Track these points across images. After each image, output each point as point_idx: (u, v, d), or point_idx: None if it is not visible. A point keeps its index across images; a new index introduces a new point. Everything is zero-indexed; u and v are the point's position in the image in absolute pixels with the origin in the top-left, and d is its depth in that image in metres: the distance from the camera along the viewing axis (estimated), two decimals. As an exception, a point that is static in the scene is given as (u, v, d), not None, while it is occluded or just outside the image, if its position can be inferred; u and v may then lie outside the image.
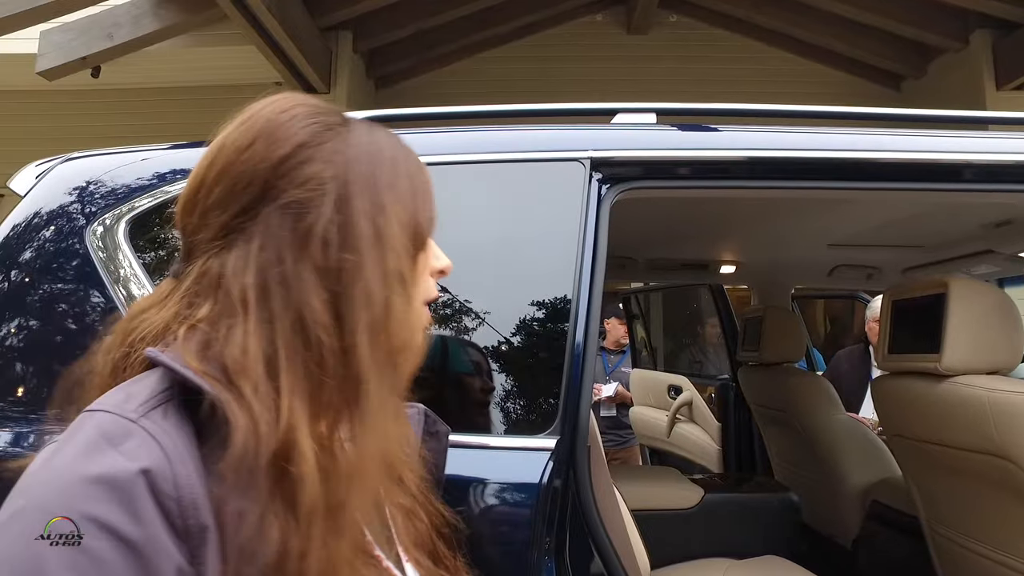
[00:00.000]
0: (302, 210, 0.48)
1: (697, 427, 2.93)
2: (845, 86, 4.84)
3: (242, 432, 0.41)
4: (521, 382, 1.04)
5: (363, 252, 0.48)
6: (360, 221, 0.49)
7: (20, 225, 1.18)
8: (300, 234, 0.48)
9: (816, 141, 1.26)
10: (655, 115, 1.30)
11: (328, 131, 0.52)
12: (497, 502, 0.94)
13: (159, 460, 0.40)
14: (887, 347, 1.53)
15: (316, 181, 0.49)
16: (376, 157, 0.52)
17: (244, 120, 0.52)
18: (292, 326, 0.45)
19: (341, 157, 0.50)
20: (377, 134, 0.55)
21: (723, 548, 1.78)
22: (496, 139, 1.19)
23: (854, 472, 1.96)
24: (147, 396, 0.43)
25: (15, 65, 4.02)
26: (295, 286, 0.46)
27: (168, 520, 0.39)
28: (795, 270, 2.58)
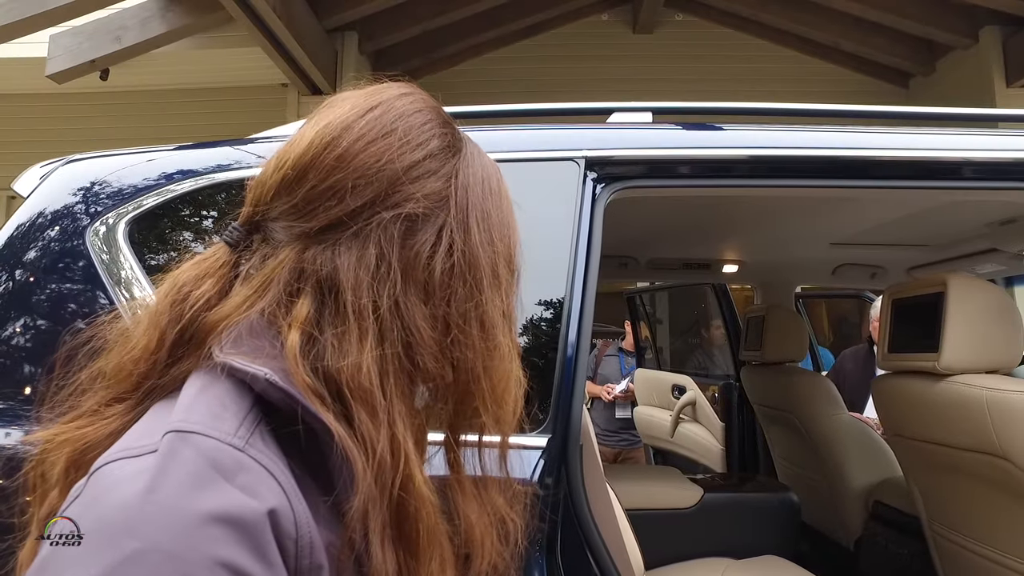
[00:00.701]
0: (417, 226, 0.45)
1: (701, 427, 2.93)
2: (853, 84, 4.80)
3: (367, 467, 0.39)
4: (513, 381, 1.05)
5: (482, 287, 0.46)
6: (479, 254, 0.46)
7: (24, 225, 1.20)
8: (410, 253, 0.44)
9: (813, 139, 1.26)
10: (651, 114, 1.30)
11: (454, 145, 0.49)
12: (488, 500, 0.95)
13: (282, 499, 0.37)
14: (887, 346, 1.52)
15: (438, 197, 0.46)
16: (488, 184, 0.49)
17: (372, 107, 0.47)
18: (404, 351, 0.43)
19: (462, 179, 0.48)
20: (484, 157, 0.52)
21: (722, 548, 1.78)
22: (490, 139, 1.19)
23: (856, 472, 1.95)
24: (241, 415, 0.39)
25: (25, 68, 4.07)
26: (406, 310, 0.43)
27: (286, 561, 0.37)
28: (798, 269, 2.57)
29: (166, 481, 0.35)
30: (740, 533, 1.84)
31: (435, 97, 0.54)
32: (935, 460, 1.44)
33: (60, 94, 4.13)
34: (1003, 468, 1.23)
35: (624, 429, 3.66)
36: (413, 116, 0.48)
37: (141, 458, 0.37)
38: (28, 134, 4.58)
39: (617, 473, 2.39)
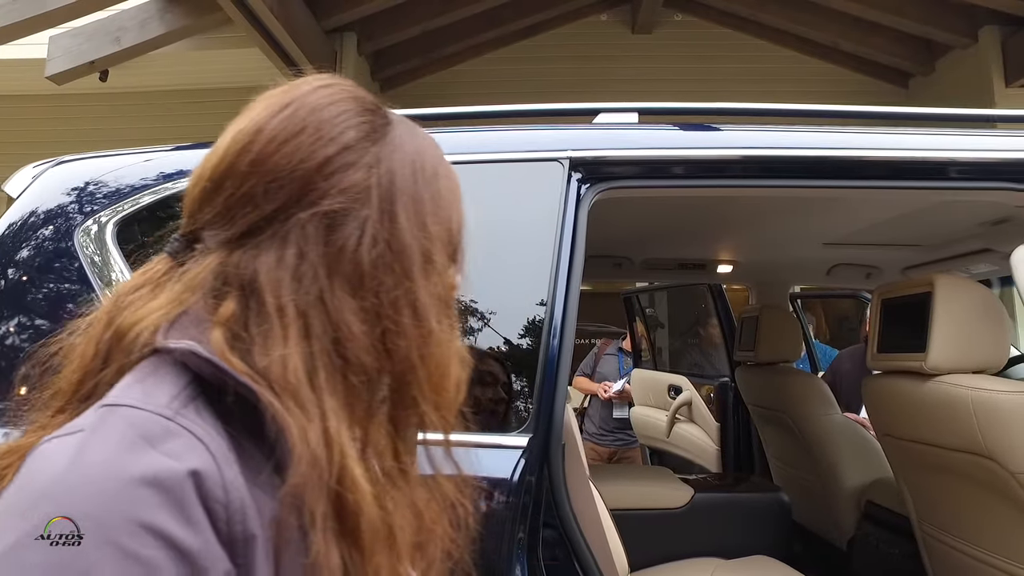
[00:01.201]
0: (339, 221, 0.44)
1: (696, 427, 2.93)
2: (853, 84, 4.80)
3: (304, 450, 0.39)
4: (495, 380, 1.05)
5: (412, 276, 0.45)
6: (407, 242, 0.45)
7: (14, 225, 1.21)
8: (334, 249, 0.44)
9: (800, 140, 1.26)
10: (637, 115, 1.31)
11: (374, 133, 0.47)
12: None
13: (207, 461, 0.37)
14: (876, 346, 1.53)
15: (357, 190, 0.45)
16: (419, 168, 0.48)
17: (285, 105, 0.47)
18: (331, 348, 0.43)
19: (386, 166, 0.47)
20: (419, 139, 0.51)
21: (712, 548, 1.78)
22: (475, 140, 1.20)
23: (849, 472, 1.95)
24: (174, 391, 0.40)
25: (25, 70, 4.09)
26: (333, 306, 0.43)
27: (215, 526, 0.36)
28: (792, 269, 2.57)
29: (91, 450, 0.36)
30: (731, 533, 1.85)
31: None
32: (923, 460, 1.44)
33: (60, 95, 4.15)
34: (989, 468, 1.23)
35: (620, 429, 3.66)
36: (326, 109, 0.47)
37: (72, 435, 0.38)
38: (28, 135, 4.60)
39: (608, 473, 2.39)
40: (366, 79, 4.53)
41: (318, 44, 3.99)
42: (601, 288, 5.44)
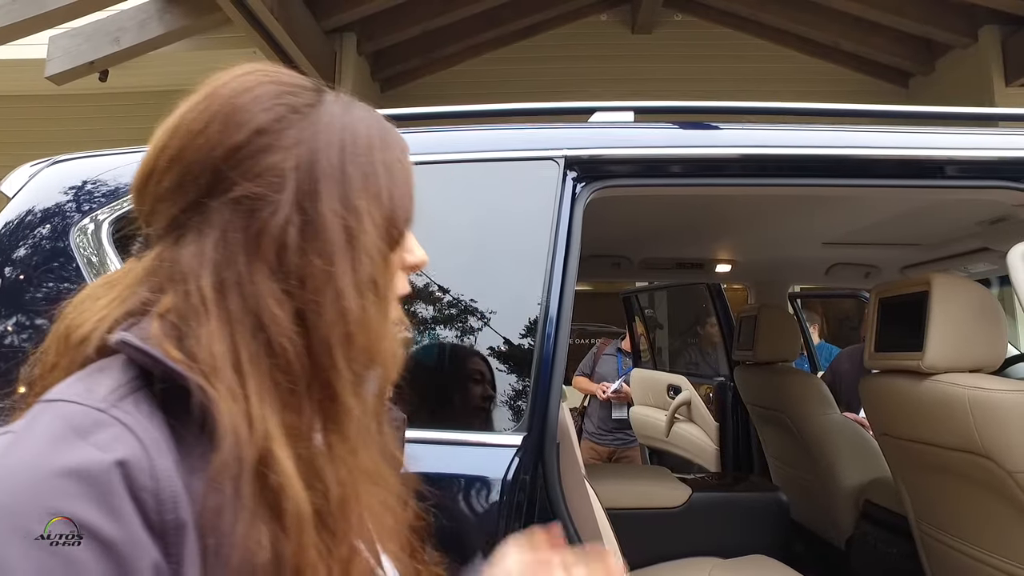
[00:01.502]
0: (257, 206, 0.44)
1: (695, 427, 2.92)
2: (852, 84, 4.79)
3: (228, 431, 0.40)
4: (490, 379, 1.05)
5: (333, 257, 0.44)
6: (328, 223, 0.45)
7: (10, 224, 1.21)
8: (254, 233, 0.44)
9: (796, 139, 1.25)
10: (633, 113, 1.30)
11: (294, 114, 0.47)
12: (464, 497, 0.95)
13: (135, 451, 0.37)
14: (874, 345, 1.52)
15: (274, 173, 0.45)
16: (350, 145, 0.47)
17: (201, 98, 0.47)
18: (252, 331, 0.43)
19: (307, 146, 0.46)
20: (354, 115, 0.49)
21: (710, 547, 1.78)
22: (470, 139, 1.20)
23: (847, 472, 1.94)
24: (114, 385, 0.40)
25: (25, 70, 4.10)
26: (251, 291, 0.43)
27: (144, 515, 0.37)
28: (791, 269, 2.56)
29: (20, 445, 0.37)
30: (728, 533, 1.84)
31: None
32: (921, 459, 1.44)
33: (60, 95, 4.15)
34: (986, 467, 1.22)
35: (619, 428, 3.66)
36: (239, 97, 0.47)
37: (5, 434, 0.39)
38: (28, 135, 4.61)
39: (606, 472, 2.39)
40: (366, 79, 4.53)
41: (318, 44, 3.99)
42: (601, 288, 5.44)
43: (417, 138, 1.21)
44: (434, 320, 1.07)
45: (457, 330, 1.06)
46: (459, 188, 1.17)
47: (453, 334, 1.06)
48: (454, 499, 0.95)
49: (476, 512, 0.95)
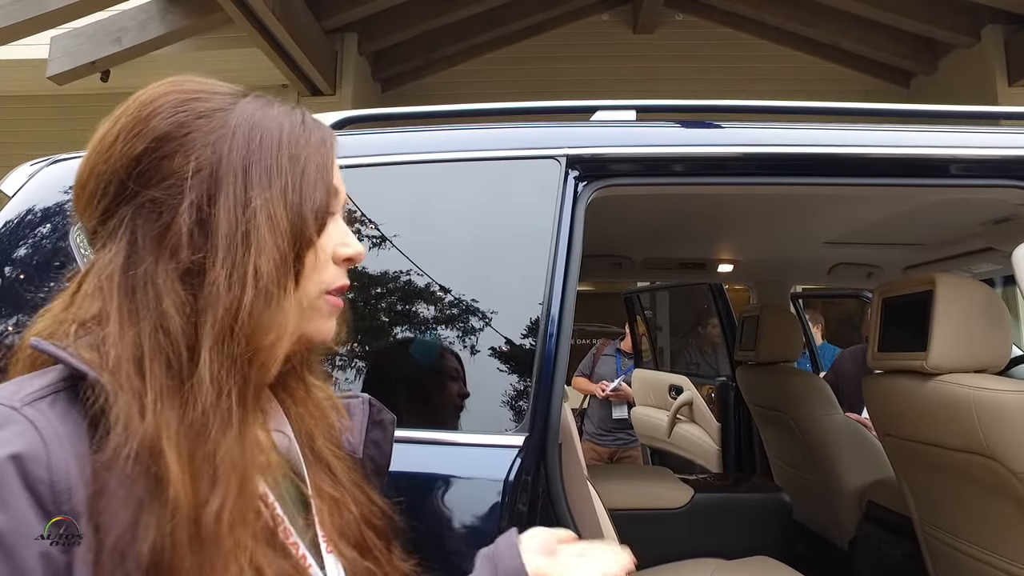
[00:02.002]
0: (160, 210, 0.47)
1: (697, 427, 2.91)
2: (854, 83, 4.78)
3: (118, 423, 0.42)
4: (492, 380, 1.05)
5: (220, 252, 0.47)
6: (221, 218, 0.47)
7: (10, 223, 1.20)
8: (157, 235, 0.47)
9: (798, 137, 1.25)
10: (635, 112, 1.30)
11: (199, 119, 0.49)
12: (466, 498, 0.95)
13: (34, 445, 0.40)
14: (877, 345, 1.51)
15: (177, 178, 0.47)
16: (256, 143, 0.49)
17: (115, 114, 0.51)
18: (154, 328, 0.45)
19: (210, 149, 0.48)
20: (269, 113, 0.51)
21: (712, 548, 1.77)
22: (472, 137, 1.20)
23: (850, 472, 1.93)
24: (40, 386, 0.44)
25: (26, 70, 4.10)
26: (153, 290, 0.46)
27: (40, 505, 0.40)
28: (793, 269, 2.55)
29: None
30: (731, 534, 1.84)
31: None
32: (925, 460, 1.43)
33: (62, 96, 4.15)
34: (991, 468, 1.22)
35: (619, 428, 3.65)
36: (143, 109, 0.50)
37: None
38: (30, 135, 4.60)
39: (607, 473, 2.38)
40: (367, 79, 4.53)
41: (319, 44, 3.99)
42: (600, 288, 5.43)
43: (419, 137, 1.20)
44: (435, 319, 1.07)
45: (458, 329, 1.06)
46: (460, 187, 1.16)
47: (454, 334, 1.06)
48: (455, 500, 0.95)
49: (477, 513, 0.94)
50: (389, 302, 1.08)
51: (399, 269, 1.07)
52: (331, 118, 1.29)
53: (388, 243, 1.08)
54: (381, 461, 0.66)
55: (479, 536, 0.93)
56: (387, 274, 1.07)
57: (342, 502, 0.55)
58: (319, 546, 0.53)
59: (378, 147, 1.18)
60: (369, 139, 1.21)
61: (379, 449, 0.66)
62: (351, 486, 0.57)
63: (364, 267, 1.08)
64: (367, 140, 1.20)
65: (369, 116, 1.32)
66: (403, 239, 1.09)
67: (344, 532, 0.55)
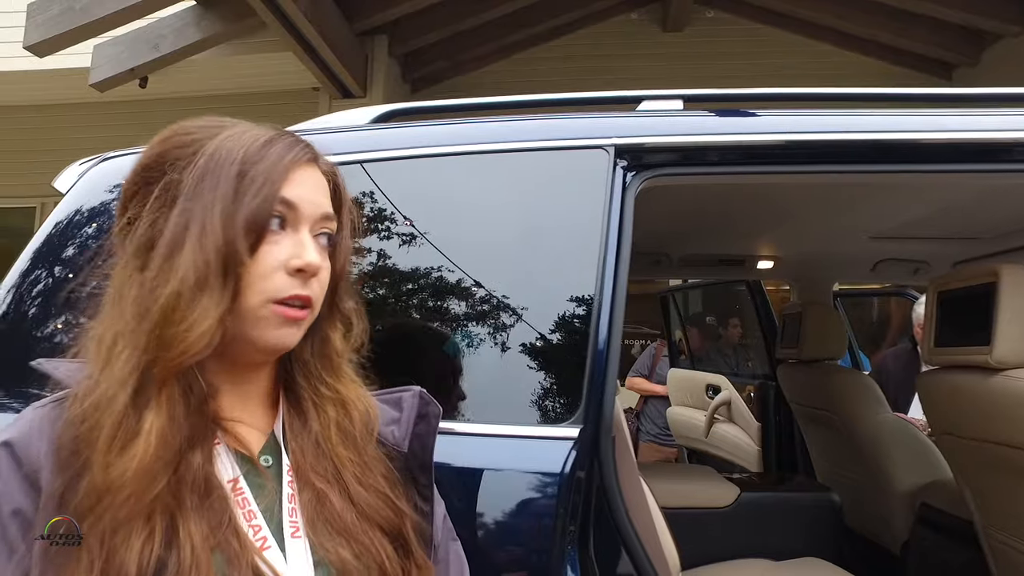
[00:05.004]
0: (136, 224, 0.58)
1: (736, 427, 2.86)
2: (893, 78, 4.66)
3: (74, 406, 0.54)
4: (544, 371, 1.03)
5: (160, 251, 0.55)
6: (167, 226, 0.56)
7: (61, 223, 1.22)
8: (132, 245, 0.58)
9: (851, 123, 1.21)
10: (682, 102, 1.27)
11: (177, 149, 0.59)
12: (520, 491, 0.93)
13: (22, 436, 0.54)
14: (933, 340, 1.46)
15: (151, 197, 0.58)
16: (213, 161, 0.57)
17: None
18: (130, 314, 0.55)
19: (178, 171, 0.58)
20: (239, 139, 0.59)
21: (760, 548, 1.72)
22: (519, 128, 1.18)
23: (902, 473, 1.87)
24: (61, 394, 0.57)
25: (70, 79, 4.22)
26: (128, 288, 0.56)
27: (26, 479, 0.53)
28: (836, 265, 2.48)
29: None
30: (778, 534, 1.79)
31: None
32: (990, 460, 1.37)
33: (103, 103, 4.26)
34: (1063, 467, 1.16)
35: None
36: (141, 156, 0.61)
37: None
38: (74, 142, 4.72)
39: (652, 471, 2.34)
40: (397, 81, 4.55)
41: (350, 47, 4.02)
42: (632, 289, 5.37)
43: (464, 128, 1.19)
44: (486, 312, 1.05)
45: (509, 322, 1.04)
46: (507, 178, 1.15)
47: (505, 326, 1.04)
48: (509, 493, 0.93)
49: (532, 506, 0.92)
50: (438, 295, 1.07)
51: (447, 262, 1.06)
52: (376, 111, 1.29)
53: (436, 236, 1.08)
54: (424, 457, 0.65)
55: (535, 529, 0.91)
56: (435, 267, 1.06)
57: (328, 494, 0.58)
58: (283, 529, 0.57)
59: (423, 139, 1.17)
60: (414, 131, 1.20)
61: (421, 443, 0.65)
62: (355, 483, 0.59)
63: (411, 260, 1.07)
64: (412, 132, 1.20)
65: (413, 109, 1.31)
66: (451, 231, 1.08)
67: (331, 523, 0.58)
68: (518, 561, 0.91)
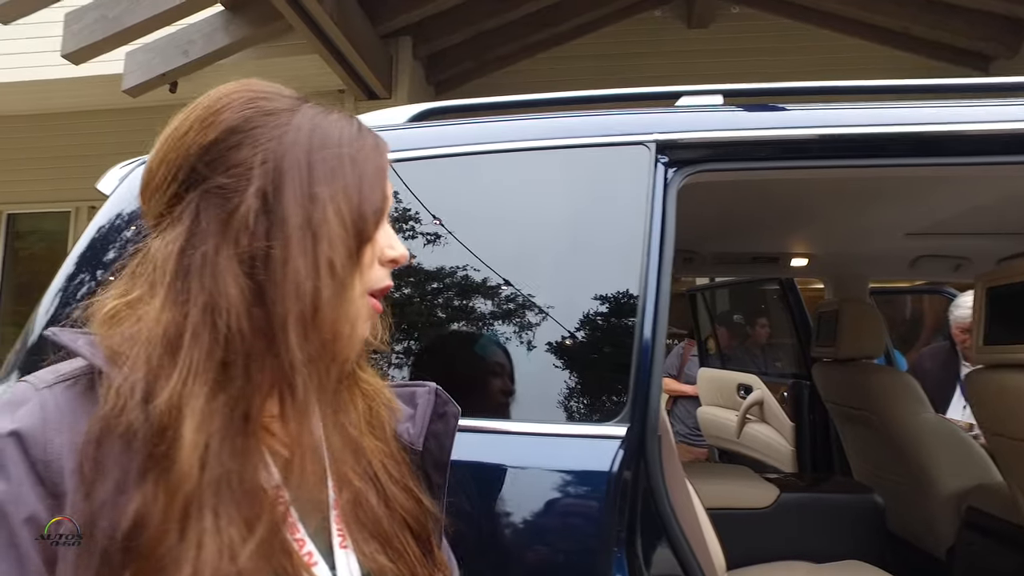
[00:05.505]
0: (226, 195, 0.49)
1: (769, 427, 2.81)
2: (927, 71, 4.55)
3: (111, 398, 0.44)
4: (590, 370, 1.02)
5: (291, 241, 0.48)
6: (289, 209, 0.48)
7: (104, 227, 1.23)
8: (222, 219, 0.48)
9: (899, 116, 1.18)
10: (722, 96, 1.25)
11: (266, 116, 0.52)
12: (567, 490, 0.92)
13: (34, 425, 0.44)
14: (982, 338, 1.42)
15: (244, 167, 0.49)
16: (318, 143, 0.51)
17: (187, 109, 0.54)
18: (203, 309, 0.46)
19: (275, 143, 0.50)
20: (329, 118, 0.54)
21: (800, 550, 1.69)
22: (559, 125, 1.17)
23: (946, 476, 1.82)
24: (67, 370, 0.48)
25: (104, 85, 4.30)
26: (211, 270, 0.47)
27: (39, 479, 0.44)
28: (873, 262, 2.43)
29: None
30: (819, 536, 1.75)
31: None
32: (1042, 461, 1.33)
33: (134, 108, 4.33)
34: None
35: None
36: (215, 103, 0.52)
37: None
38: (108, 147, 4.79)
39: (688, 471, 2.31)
40: (421, 82, 4.57)
41: (375, 49, 4.05)
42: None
43: (503, 126, 1.19)
44: (530, 311, 1.05)
45: (553, 320, 1.03)
46: (547, 175, 1.14)
47: (549, 325, 1.03)
48: (558, 492, 0.92)
49: (579, 506, 0.91)
50: (483, 295, 1.06)
51: (491, 261, 1.05)
52: (413, 110, 1.29)
53: (479, 235, 1.07)
54: (440, 456, 0.63)
55: (582, 529, 0.90)
56: (479, 266, 1.06)
57: (366, 495, 0.54)
58: (331, 543, 0.51)
59: (463, 137, 1.16)
60: (453, 130, 1.20)
61: (439, 442, 0.63)
62: (389, 482, 0.56)
63: (455, 259, 1.06)
64: (451, 131, 1.19)
65: (450, 107, 1.31)
66: (493, 230, 1.08)
67: (367, 526, 0.53)
68: (565, 559, 0.90)
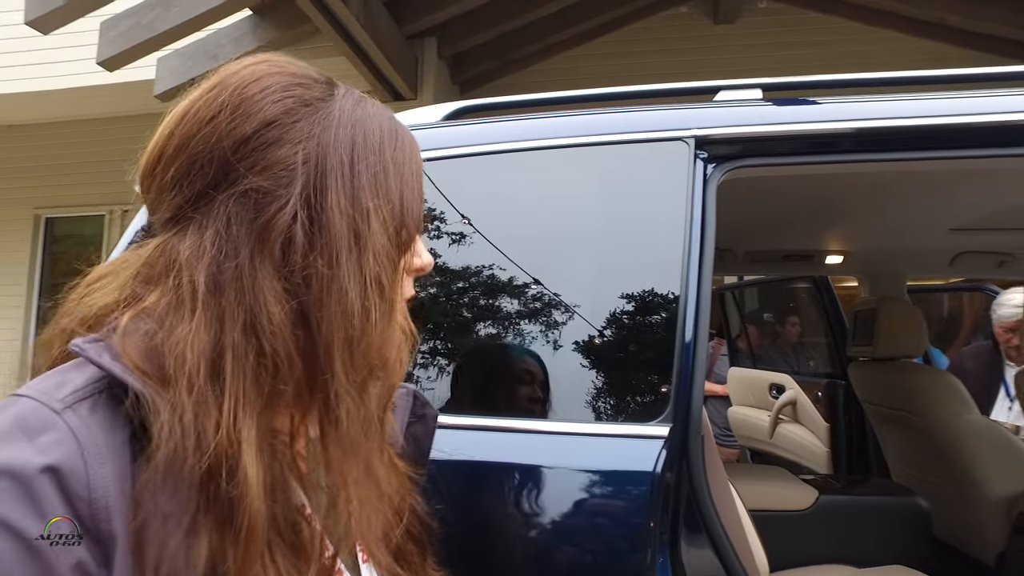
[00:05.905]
0: (264, 200, 0.43)
1: (802, 428, 2.76)
2: (964, 63, 4.42)
3: (168, 436, 0.38)
4: (632, 369, 1.01)
5: (339, 257, 0.43)
6: (335, 220, 0.43)
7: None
8: (259, 228, 0.42)
9: (945, 107, 1.14)
10: (761, 91, 1.23)
11: (305, 107, 0.45)
12: (609, 490, 0.91)
13: (73, 458, 0.37)
14: (1034, 336, 1.37)
15: (283, 167, 0.43)
16: (360, 142, 0.46)
17: (211, 87, 0.46)
18: (244, 329, 0.41)
19: (316, 141, 0.44)
20: (366, 111, 0.48)
21: (840, 554, 1.65)
22: (597, 121, 1.16)
23: (994, 479, 1.76)
24: (81, 384, 0.40)
25: (136, 91, 4.40)
26: (249, 286, 0.41)
27: (80, 520, 0.37)
28: (912, 259, 2.37)
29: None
30: (860, 539, 1.71)
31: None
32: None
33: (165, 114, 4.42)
34: None
35: None
36: (249, 87, 0.45)
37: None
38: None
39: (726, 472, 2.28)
40: (446, 82, 4.59)
41: (401, 50, 4.07)
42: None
43: (540, 123, 1.18)
44: (571, 309, 1.04)
45: (594, 319, 1.02)
46: (586, 172, 1.13)
47: (590, 323, 1.02)
48: (597, 492, 0.91)
49: (622, 506, 0.90)
50: (524, 294, 1.05)
51: (531, 258, 1.05)
52: (447, 108, 1.29)
53: (518, 232, 1.07)
54: (419, 458, 0.62)
55: (625, 529, 0.89)
56: (519, 264, 1.05)
57: (371, 499, 0.50)
58: (356, 556, 0.50)
59: (499, 135, 1.16)
60: (488, 127, 1.19)
61: (418, 445, 0.62)
62: (388, 486, 0.52)
63: (494, 257, 1.06)
64: (486, 128, 1.19)
65: (485, 105, 1.31)
66: (533, 227, 1.07)
67: (380, 536, 0.50)
68: (608, 561, 0.89)
